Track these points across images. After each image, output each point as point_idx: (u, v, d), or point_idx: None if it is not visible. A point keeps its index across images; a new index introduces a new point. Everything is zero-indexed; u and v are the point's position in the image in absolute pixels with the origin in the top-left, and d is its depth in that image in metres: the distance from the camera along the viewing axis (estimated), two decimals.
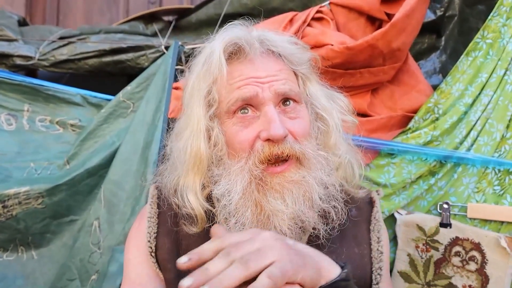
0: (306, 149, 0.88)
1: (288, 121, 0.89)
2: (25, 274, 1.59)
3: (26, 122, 1.74)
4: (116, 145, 1.60)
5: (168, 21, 2.24)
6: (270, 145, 0.85)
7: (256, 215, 0.86)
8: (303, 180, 0.86)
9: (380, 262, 0.95)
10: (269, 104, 0.87)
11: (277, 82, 0.89)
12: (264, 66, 0.91)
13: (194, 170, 0.92)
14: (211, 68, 0.91)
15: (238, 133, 0.89)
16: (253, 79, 0.89)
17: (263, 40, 0.93)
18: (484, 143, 1.32)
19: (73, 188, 1.58)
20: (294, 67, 0.95)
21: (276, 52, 0.94)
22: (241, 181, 0.86)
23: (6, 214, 1.55)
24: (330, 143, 0.94)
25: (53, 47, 1.98)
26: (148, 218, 1.01)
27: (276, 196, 0.85)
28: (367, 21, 1.52)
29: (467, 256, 1.26)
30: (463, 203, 1.31)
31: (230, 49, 0.91)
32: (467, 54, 1.42)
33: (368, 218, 1.02)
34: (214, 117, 0.93)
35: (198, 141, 0.91)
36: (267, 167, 0.87)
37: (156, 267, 0.99)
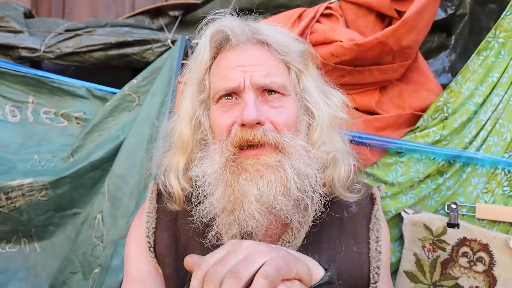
0: (283, 137, 0.87)
1: (269, 109, 0.89)
2: (28, 266, 1.58)
3: (31, 114, 1.73)
4: (120, 138, 1.59)
5: (174, 16, 2.23)
6: (243, 130, 0.86)
7: (227, 196, 0.86)
8: (278, 165, 0.85)
9: (378, 262, 0.95)
10: (248, 92, 0.88)
11: (258, 74, 0.89)
12: (249, 54, 0.92)
13: (179, 152, 0.96)
14: (200, 56, 0.94)
15: (218, 117, 0.91)
16: (237, 67, 0.90)
17: (251, 29, 0.93)
18: (494, 143, 1.31)
19: (76, 181, 1.57)
20: (282, 58, 0.94)
21: (263, 41, 0.94)
22: (216, 163, 0.88)
23: (10, 205, 1.54)
24: (314, 137, 0.92)
25: (59, 40, 1.97)
26: (147, 213, 1.02)
27: (247, 178, 0.85)
28: (376, 18, 1.50)
29: (474, 257, 1.24)
30: (471, 204, 1.29)
31: (216, 37, 0.93)
32: (478, 53, 1.40)
33: (368, 215, 1.01)
34: (203, 103, 0.96)
35: (184, 124, 0.95)
36: (243, 150, 0.87)
37: (155, 262, 1.00)
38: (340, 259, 0.94)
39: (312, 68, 0.99)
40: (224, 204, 0.86)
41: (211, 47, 0.94)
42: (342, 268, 0.94)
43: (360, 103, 1.50)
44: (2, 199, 1.54)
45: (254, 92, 0.88)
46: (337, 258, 0.94)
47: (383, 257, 0.96)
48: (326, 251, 0.95)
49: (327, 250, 0.95)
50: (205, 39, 0.93)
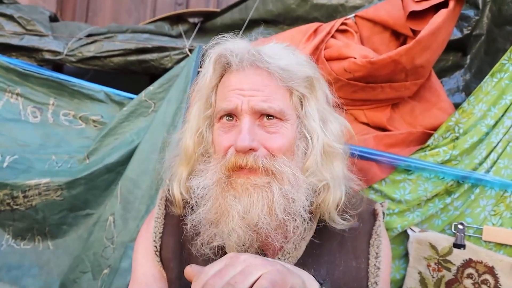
0: (275, 164, 0.89)
1: (265, 134, 0.92)
2: (40, 263, 1.64)
3: (51, 115, 1.80)
4: (135, 143, 1.64)
5: (193, 23, 2.28)
6: (237, 155, 0.89)
7: (214, 209, 0.91)
8: (266, 186, 0.88)
9: (376, 277, 0.97)
10: (245, 117, 0.91)
11: (257, 98, 0.91)
12: (249, 79, 0.93)
13: (182, 162, 1.01)
14: (206, 76, 0.98)
15: (219, 137, 0.95)
16: (237, 90, 0.93)
17: (253, 54, 0.94)
18: (504, 166, 1.30)
19: (91, 183, 1.62)
20: (285, 84, 0.94)
21: (264, 68, 0.94)
22: (210, 179, 0.92)
23: (26, 204, 1.60)
24: (307, 164, 0.94)
25: (81, 44, 2.04)
26: (156, 218, 1.07)
27: (235, 195, 0.89)
28: (391, 35, 1.51)
29: (479, 279, 1.24)
30: (478, 225, 1.29)
31: (220, 60, 0.97)
32: (492, 75, 1.40)
33: (370, 231, 1.03)
34: (208, 118, 1.00)
35: (188, 137, 1.00)
36: (233, 171, 0.91)
37: (160, 266, 1.04)
38: (338, 273, 0.96)
39: (318, 92, 1.00)
40: (210, 216, 0.91)
41: (215, 69, 0.97)
42: (340, 281, 0.96)
43: (372, 119, 1.51)
44: (19, 197, 1.60)
45: (251, 116, 0.91)
46: (335, 271, 0.96)
47: (381, 273, 0.98)
48: (325, 264, 0.97)
49: (326, 264, 0.97)
50: (209, 62, 0.97)
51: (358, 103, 1.52)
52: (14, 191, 1.58)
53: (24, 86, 1.77)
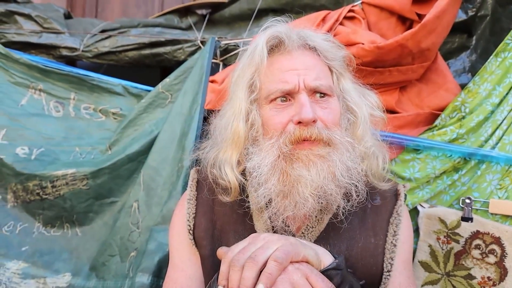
0: (334, 135, 0.96)
1: (320, 109, 0.98)
2: (70, 249, 1.74)
3: (72, 109, 1.88)
4: (154, 133, 1.72)
5: (201, 14, 2.33)
6: (300, 128, 0.95)
7: (282, 182, 0.95)
8: (327, 156, 0.95)
9: (392, 253, 1.03)
10: (302, 93, 0.97)
11: (310, 77, 0.98)
12: (301, 59, 1.01)
13: (232, 147, 1.03)
14: (254, 58, 1.03)
15: (274, 116, 0.99)
16: (291, 71, 0.99)
17: (301, 35, 1.03)
18: (509, 142, 1.36)
19: (114, 172, 1.71)
20: (328, 62, 1.04)
21: (312, 47, 1.04)
22: (270, 155, 0.96)
23: (55, 193, 1.70)
24: (358, 134, 1.02)
25: (96, 39, 2.11)
26: (188, 200, 1.13)
27: (301, 165, 0.94)
28: (398, 20, 1.56)
29: (487, 249, 1.31)
30: (485, 199, 1.35)
31: (272, 42, 1.03)
32: (496, 55, 1.45)
33: (391, 210, 1.08)
34: (254, 102, 1.04)
35: (238, 121, 1.02)
36: (296, 144, 0.96)
37: (193, 245, 1.11)
38: (357, 249, 1.03)
39: (348, 72, 1.10)
40: (280, 188, 0.95)
41: (266, 51, 1.02)
42: (358, 257, 1.02)
43: (381, 102, 1.57)
44: (48, 187, 1.69)
45: (307, 93, 0.98)
46: (354, 247, 1.03)
47: (398, 250, 1.04)
48: (346, 240, 1.03)
49: (347, 239, 1.03)
50: (262, 42, 1.02)
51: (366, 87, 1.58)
52: (43, 182, 1.68)
53: (46, 82, 1.86)
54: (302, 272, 0.79)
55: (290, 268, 0.79)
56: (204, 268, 1.10)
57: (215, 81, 1.72)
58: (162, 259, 1.48)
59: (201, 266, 1.11)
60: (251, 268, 0.75)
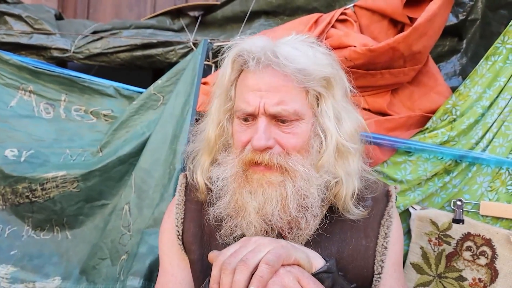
0: (289, 162, 0.94)
1: (280, 133, 0.95)
2: (60, 252, 1.72)
3: (63, 111, 1.87)
4: (146, 135, 1.70)
5: (194, 16, 2.32)
6: (253, 152, 0.95)
7: (232, 203, 0.98)
8: (280, 184, 0.94)
9: (383, 256, 1.03)
10: (261, 117, 0.94)
11: (272, 101, 0.93)
12: (266, 80, 0.94)
13: (204, 151, 1.08)
14: (225, 73, 1.03)
15: (238, 133, 1.00)
16: (255, 91, 0.95)
17: (270, 54, 0.94)
18: (499, 144, 1.37)
19: (105, 174, 1.69)
20: (301, 86, 0.95)
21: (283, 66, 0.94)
22: (229, 170, 0.99)
23: (45, 196, 1.68)
24: (319, 163, 0.97)
25: (88, 41, 2.10)
26: (176, 205, 1.13)
27: (250, 191, 0.96)
28: (389, 23, 1.58)
29: (478, 251, 1.32)
30: (476, 201, 1.36)
31: (238, 60, 0.99)
32: (486, 58, 1.47)
33: (382, 211, 1.08)
34: (228, 111, 1.05)
35: (211, 129, 1.05)
36: (250, 166, 0.97)
37: (182, 250, 1.11)
38: (348, 251, 1.03)
39: (335, 88, 1.00)
40: (229, 209, 0.99)
41: (233, 68, 1.00)
42: (349, 259, 1.02)
43: (372, 104, 1.58)
44: (38, 190, 1.67)
45: (267, 117, 0.94)
46: (345, 249, 1.03)
47: (389, 252, 1.03)
48: (337, 242, 1.03)
49: (338, 242, 1.03)
50: (227, 61, 1.01)
51: (359, 90, 1.56)
52: (32, 184, 1.66)
53: (36, 83, 1.84)
54: (294, 275, 0.79)
55: (281, 271, 0.79)
56: (193, 272, 1.10)
57: (207, 83, 1.71)
58: (154, 262, 1.46)
59: (190, 275, 1.11)
60: (243, 271, 0.76)
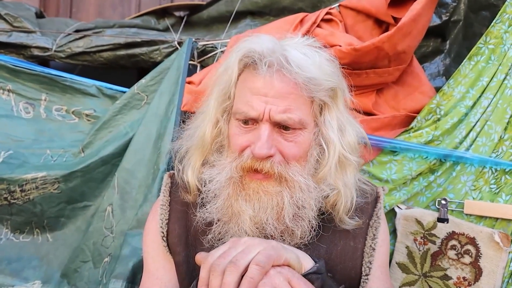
0: (289, 171, 0.92)
1: (282, 142, 0.93)
2: (40, 255, 1.67)
3: (43, 111, 1.82)
4: (129, 135, 1.67)
5: (179, 16, 2.30)
6: (253, 159, 0.92)
7: (225, 208, 0.95)
8: (278, 194, 0.93)
9: (370, 257, 1.02)
10: (265, 124, 0.91)
11: (278, 108, 0.90)
12: (274, 84, 0.91)
13: (198, 150, 1.03)
14: (228, 71, 0.98)
15: (236, 135, 0.97)
16: (261, 96, 0.91)
17: (281, 61, 0.91)
18: (482, 143, 1.39)
19: (87, 175, 1.65)
20: (310, 94, 0.93)
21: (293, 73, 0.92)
22: (224, 174, 0.96)
23: (24, 197, 1.63)
24: (320, 174, 0.96)
25: (70, 40, 2.05)
26: (161, 205, 1.10)
27: (246, 199, 0.93)
28: (374, 23, 1.58)
29: (462, 250, 1.33)
30: (460, 200, 1.38)
31: (245, 60, 0.95)
32: (469, 59, 1.48)
33: (371, 213, 1.07)
34: (225, 112, 1.02)
35: (206, 127, 1.01)
36: (249, 172, 0.94)
37: (167, 251, 1.08)
38: (336, 252, 1.02)
39: (339, 99, 1.00)
40: (222, 214, 0.96)
41: (239, 68, 0.96)
42: (337, 259, 1.02)
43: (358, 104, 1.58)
44: (16, 192, 1.62)
45: (270, 124, 0.91)
46: (334, 251, 1.02)
47: (376, 253, 1.03)
48: (325, 244, 1.02)
49: (326, 243, 1.02)
50: (234, 58, 0.96)
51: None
52: (11, 186, 1.61)
53: (15, 82, 1.79)
54: (284, 276, 0.78)
55: (272, 272, 0.77)
56: (178, 275, 1.07)
57: (192, 82, 1.69)
58: (137, 265, 1.43)
59: (175, 277, 1.08)
60: (233, 273, 0.73)
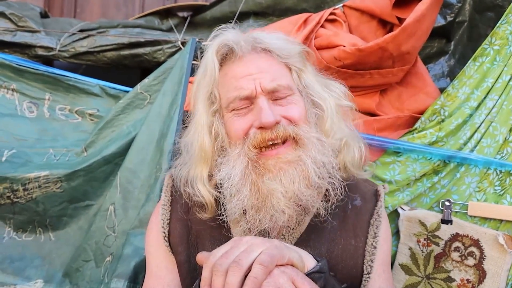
0: (300, 130, 0.95)
1: (281, 108, 0.97)
2: (42, 254, 1.67)
3: (47, 110, 1.82)
4: (132, 134, 1.67)
5: (183, 17, 2.30)
6: (262, 131, 0.93)
7: (254, 194, 0.93)
8: (298, 160, 0.93)
9: (372, 256, 1.02)
10: (261, 97, 0.95)
11: (266, 79, 0.96)
12: (255, 63, 0.99)
13: (201, 162, 1.02)
14: (208, 70, 1.01)
15: (234, 122, 0.98)
16: (246, 76, 0.97)
17: (251, 39, 1.01)
18: (487, 145, 1.38)
19: (90, 174, 1.65)
20: (284, 61, 1.02)
21: (264, 49, 1.01)
22: (239, 164, 0.95)
23: (26, 196, 1.63)
24: (326, 127, 1.00)
25: (74, 39, 2.05)
26: (162, 205, 1.10)
27: (271, 177, 0.92)
28: (378, 24, 1.58)
29: (466, 252, 1.31)
30: (464, 201, 1.36)
31: (222, 51, 1.01)
32: (474, 59, 1.47)
33: (371, 211, 1.07)
34: (216, 113, 1.03)
35: (202, 136, 1.01)
36: (262, 151, 0.95)
37: (169, 251, 1.08)
38: (337, 251, 1.02)
39: (309, 66, 1.07)
40: (252, 201, 0.93)
41: (218, 61, 1.01)
42: (338, 259, 1.01)
43: (361, 105, 1.57)
44: (19, 190, 1.63)
45: (265, 96, 0.96)
46: (335, 249, 1.02)
47: (378, 252, 1.02)
48: (326, 242, 1.02)
49: (327, 241, 1.02)
50: (211, 54, 1.01)
51: (348, 90, 1.58)
52: (14, 185, 1.61)
53: (19, 81, 1.80)
54: (288, 275, 0.76)
55: (275, 272, 0.76)
56: (180, 274, 1.07)
57: None
58: (139, 264, 1.43)
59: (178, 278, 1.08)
60: (236, 273, 0.72)
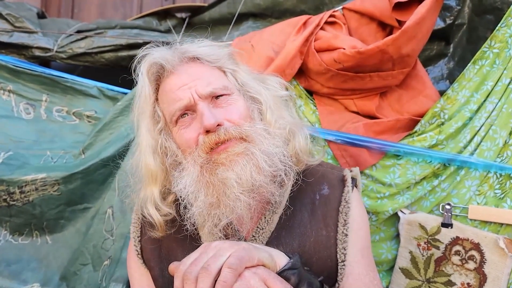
0: (244, 128, 0.96)
1: (222, 110, 0.99)
2: (39, 257, 1.66)
3: (44, 111, 1.81)
4: (130, 137, 1.66)
5: (181, 18, 2.29)
6: (209, 136, 0.95)
7: (210, 193, 0.94)
8: (246, 150, 0.94)
9: (344, 243, 1.01)
10: (200, 103, 0.97)
11: (201, 85, 0.99)
12: (187, 72, 1.02)
13: (150, 183, 1.02)
14: (143, 92, 1.03)
15: (182, 134, 1.00)
16: (182, 87, 0.99)
17: (177, 52, 1.03)
18: (487, 148, 1.37)
19: (87, 177, 1.64)
20: (215, 65, 1.05)
21: (192, 57, 1.04)
22: (192, 172, 0.96)
23: (23, 199, 1.62)
24: (268, 119, 1.02)
25: (71, 40, 2.03)
26: (132, 223, 1.14)
27: (224, 169, 0.93)
28: (378, 26, 1.57)
29: (466, 255, 1.31)
30: (464, 205, 1.36)
31: (152, 70, 1.03)
32: (474, 62, 1.47)
33: (339, 198, 1.06)
34: (162, 131, 1.04)
35: (146, 157, 1.02)
36: (212, 150, 0.95)
37: (145, 267, 1.11)
38: (310, 244, 1.02)
39: (242, 65, 1.10)
40: (209, 200, 0.94)
41: (150, 81, 1.03)
42: (311, 251, 1.01)
43: (361, 107, 1.57)
44: (16, 193, 1.61)
45: (204, 101, 0.98)
46: (307, 243, 1.01)
47: (352, 239, 1.02)
48: (297, 237, 1.02)
49: (298, 236, 1.02)
50: (142, 75, 1.02)
51: (348, 92, 1.57)
52: (10, 187, 1.60)
53: (16, 82, 1.78)
54: (259, 276, 0.77)
55: (246, 274, 0.77)
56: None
57: None
58: None
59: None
60: (205, 279, 0.73)
